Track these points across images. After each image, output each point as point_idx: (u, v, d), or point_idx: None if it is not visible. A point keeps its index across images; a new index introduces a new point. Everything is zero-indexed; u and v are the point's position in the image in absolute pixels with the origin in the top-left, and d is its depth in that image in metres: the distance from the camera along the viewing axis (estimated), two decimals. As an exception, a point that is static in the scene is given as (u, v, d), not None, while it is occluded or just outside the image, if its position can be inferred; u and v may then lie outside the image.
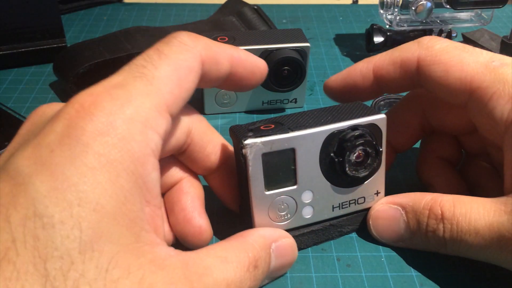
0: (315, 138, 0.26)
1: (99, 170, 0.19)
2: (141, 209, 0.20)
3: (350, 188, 0.29)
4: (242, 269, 0.23)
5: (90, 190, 0.18)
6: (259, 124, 0.27)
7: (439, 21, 0.47)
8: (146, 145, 0.20)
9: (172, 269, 0.20)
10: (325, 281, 0.27)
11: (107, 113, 0.19)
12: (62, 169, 0.18)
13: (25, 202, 0.18)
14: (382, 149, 0.28)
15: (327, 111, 0.28)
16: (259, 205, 0.27)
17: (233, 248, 0.23)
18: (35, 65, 0.47)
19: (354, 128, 0.27)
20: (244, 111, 0.42)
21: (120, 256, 0.19)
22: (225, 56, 0.25)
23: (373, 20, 0.59)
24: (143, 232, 0.20)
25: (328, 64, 0.49)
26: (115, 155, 0.19)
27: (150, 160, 0.21)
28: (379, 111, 0.28)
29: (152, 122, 0.21)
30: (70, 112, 0.20)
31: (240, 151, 0.25)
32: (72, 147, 0.19)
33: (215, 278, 0.21)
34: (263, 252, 0.24)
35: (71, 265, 0.17)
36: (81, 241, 0.18)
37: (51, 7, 0.46)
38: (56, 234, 0.17)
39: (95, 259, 0.18)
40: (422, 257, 0.29)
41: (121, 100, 0.20)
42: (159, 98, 0.21)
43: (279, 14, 0.60)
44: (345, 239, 0.30)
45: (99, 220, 0.18)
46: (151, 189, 0.21)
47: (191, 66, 0.23)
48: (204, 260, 0.22)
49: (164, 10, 0.60)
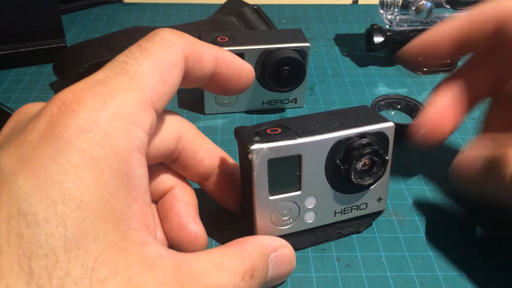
0: (322, 145, 0.26)
1: (82, 167, 0.18)
2: (128, 206, 0.20)
3: (353, 194, 0.28)
4: (237, 277, 0.22)
5: (74, 187, 0.18)
6: (265, 127, 0.27)
7: (439, 21, 0.47)
8: (130, 141, 0.20)
9: (162, 270, 0.20)
10: (325, 281, 0.27)
11: (89, 110, 0.19)
12: (45, 167, 0.18)
13: (8, 200, 0.18)
14: (389, 157, 0.28)
15: (334, 115, 0.28)
16: (262, 209, 0.27)
17: (230, 255, 0.23)
18: (35, 65, 0.47)
19: (361, 136, 0.27)
20: (244, 111, 0.42)
21: (106, 254, 0.18)
22: (209, 55, 0.25)
23: (373, 20, 0.59)
24: (131, 230, 0.20)
25: (328, 64, 0.49)
26: (98, 152, 0.19)
27: (135, 156, 0.20)
28: (386, 119, 0.28)
29: (136, 117, 0.20)
30: (52, 109, 0.19)
31: (246, 156, 0.25)
32: (55, 145, 0.18)
33: (207, 284, 0.21)
34: (261, 261, 0.24)
35: (56, 264, 0.17)
36: (66, 239, 0.17)
37: (51, 7, 0.46)
38: (41, 232, 0.17)
39: (81, 258, 0.18)
40: (422, 257, 0.29)
41: (103, 96, 0.20)
42: (142, 93, 0.21)
43: (279, 14, 0.60)
44: (345, 239, 0.30)
45: (84, 218, 0.18)
46: (138, 185, 0.21)
47: (174, 62, 0.23)
48: (198, 263, 0.21)
49: (164, 10, 0.60)
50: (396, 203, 0.33)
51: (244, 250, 0.24)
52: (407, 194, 0.34)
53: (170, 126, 0.25)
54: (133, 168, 0.20)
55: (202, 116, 0.41)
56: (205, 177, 0.28)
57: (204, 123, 0.40)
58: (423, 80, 0.47)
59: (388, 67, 0.49)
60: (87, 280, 0.17)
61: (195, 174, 0.28)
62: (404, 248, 0.30)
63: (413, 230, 0.31)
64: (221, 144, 0.38)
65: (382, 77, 0.47)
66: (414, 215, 0.32)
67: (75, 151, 0.19)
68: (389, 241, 0.30)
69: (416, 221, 0.32)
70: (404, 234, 0.31)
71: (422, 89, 0.46)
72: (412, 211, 0.32)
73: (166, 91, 0.22)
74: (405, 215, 0.32)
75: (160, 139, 0.25)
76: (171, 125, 0.25)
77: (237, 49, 0.38)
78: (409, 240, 0.30)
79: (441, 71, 0.48)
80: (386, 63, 0.50)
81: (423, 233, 0.31)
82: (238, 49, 0.38)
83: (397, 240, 0.30)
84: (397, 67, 0.49)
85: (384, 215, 0.32)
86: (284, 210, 0.27)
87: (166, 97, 0.22)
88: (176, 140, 0.25)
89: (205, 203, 0.30)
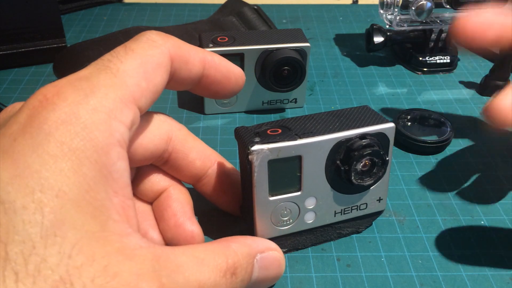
0: (322, 146, 0.26)
1: (61, 158, 0.19)
2: (107, 198, 0.20)
3: (354, 194, 0.29)
4: (218, 274, 0.22)
5: (52, 177, 0.18)
6: (266, 128, 0.27)
7: (439, 21, 0.47)
8: (110, 135, 0.20)
9: (141, 260, 0.19)
10: (325, 281, 0.27)
11: (70, 103, 0.20)
12: (24, 157, 0.18)
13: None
14: (389, 158, 0.28)
15: (335, 116, 0.28)
16: (262, 210, 0.27)
17: (213, 251, 0.23)
18: (35, 65, 0.47)
19: (362, 137, 0.27)
20: (244, 111, 0.42)
21: (84, 243, 0.18)
22: (196, 57, 0.25)
23: (373, 20, 0.59)
24: (111, 221, 0.20)
25: (328, 64, 0.49)
26: (77, 144, 0.19)
27: (115, 149, 0.20)
28: (387, 120, 0.28)
29: (116, 112, 0.21)
30: (33, 103, 0.20)
31: (246, 156, 0.25)
32: (34, 136, 0.19)
33: (186, 278, 0.21)
34: (245, 260, 0.24)
35: (33, 250, 0.17)
36: (43, 226, 0.18)
37: (51, 7, 0.46)
38: (18, 219, 0.17)
39: (58, 245, 0.18)
40: (422, 257, 0.29)
41: (84, 91, 0.20)
42: (124, 89, 0.21)
43: (279, 14, 0.60)
44: (345, 239, 0.30)
45: (61, 206, 0.18)
46: (118, 179, 0.21)
47: (159, 62, 0.23)
48: (179, 257, 0.21)
49: (164, 10, 0.60)
50: (396, 203, 0.33)
51: (229, 247, 0.23)
52: (407, 194, 0.34)
53: (159, 127, 0.25)
54: (113, 161, 0.20)
55: (202, 116, 0.41)
56: (198, 178, 0.28)
57: (204, 123, 0.40)
58: (423, 80, 0.47)
59: (388, 67, 0.49)
60: (63, 267, 0.17)
61: (187, 175, 0.28)
62: (404, 248, 0.30)
63: (413, 230, 0.31)
64: (221, 144, 0.38)
65: (382, 77, 0.47)
66: (414, 215, 0.32)
67: (54, 142, 0.19)
68: (389, 241, 0.30)
69: (416, 221, 0.32)
70: (404, 234, 0.31)
71: (422, 89, 0.46)
72: (412, 211, 0.32)
73: (150, 89, 0.22)
74: (405, 215, 0.32)
75: (149, 139, 0.25)
76: (160, 126, 0.25)
77: (237, 49, 0.38)
78: (409, 240, 0.30)
79: (441, 71, 0.48)
80: (386, 63, 0.50)
81: (423, 233, 0.31)
82: (238, 49, 0.38)
83: (397, 240, 0.30)
84: (397, 67, 0.49)
85: (384, 215, 0.32)
86: (284, 210, 0.27)
87: (150, 95, 0.23)
88: (166, 141, 0.26)
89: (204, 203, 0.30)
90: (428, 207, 0.33)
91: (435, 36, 0.47)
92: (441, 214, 0.32)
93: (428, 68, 0.48)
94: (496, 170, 0.36)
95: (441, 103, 0.44)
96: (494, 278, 0.28)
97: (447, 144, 0.38)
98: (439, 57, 0.48)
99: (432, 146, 0.37)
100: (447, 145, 0.38)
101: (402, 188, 0.34)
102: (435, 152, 0.38)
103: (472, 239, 0.30)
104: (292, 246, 0.29)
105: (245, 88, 0.40)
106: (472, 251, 0.30)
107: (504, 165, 0.36)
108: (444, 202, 0.33)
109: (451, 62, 0.48)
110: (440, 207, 0.33)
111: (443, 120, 0.39)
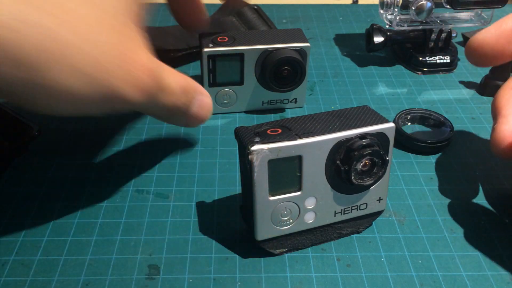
0: (322, 146, 0.26)
1: None
2: None
3: (354, 194, 0.29)
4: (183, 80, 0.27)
5: None
6: (266, 128, 0.27)
7: (439, 21, 0.47)
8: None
9: None
10: (325, 281, 0.27)
11: None
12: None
13: None
14: (389, 158, 0.28)
15: (335, 116, 0.28)
16: (262, 210, 0.27)
17: None
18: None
19: (362, 137, 0.27)
20: (244, 111, 0.42)
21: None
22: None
23: (373, 20, 0.59)
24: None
25: (328, 64, 0.49)
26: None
27: None
28: (387, 120, 0.28)
29: None
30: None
31: (246, 156, 0.25)
32: None
33: None
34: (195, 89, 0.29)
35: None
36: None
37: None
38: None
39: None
40: (422, 257, 0.29)
41: None
42: None
43: (279, 14, 0.60)
44: (345, 239, 0.30)
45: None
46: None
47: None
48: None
49: (164, 10, 0.60)
50: (396, 203, 0.33)
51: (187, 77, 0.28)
52: (407, 194, 0.34)
53: None
54: None
55: (202, 116, 0.41)
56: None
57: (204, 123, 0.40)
58: (423, 80, 0.47)
59: (388, 67, 0.49)
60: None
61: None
62: (404, 248, 0.30)
63: (413, 230, 0.31)
64: (221, 144, 0.38)
65: (382, 77, 0.47)
66: (414, 215, 0.32)
67: None
68: (389, 241, 0.30)
69: (416, 221, 0.32)
70: (404, 234, 0.31)
71: (422, 89, 0.46)
72: (412, 211, 0.32)
73: None
74: (405, 215, 0.32)
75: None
76: None
77: (237, 49, 0.38)
78: (409, 240, 0.30)
79: (441, 71, 0.48)
80: (386, 63, 0.50)
81: (423, 233, 0.31)
82: (238, 49, 0.38)
83: (397, 240, 0.30)
84: (397, 67, 0.49)
85: (384, 215, 0.32)
86: (284, 210, 0.27)
87: None
88: None
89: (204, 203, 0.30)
90: (428, 207, 0.33)
91: (435, 36, 0.47)
92: (441, 214, 0.32)
93: (428, 68, 0.48)
94: (496, 170, 0.36)
95: (441, 103, 0.44)
96: (494, 278, 0.28)
97: (447, 144, 0.38)
98: (439, 57, 0.48)
99: (432, 146, 0.37)
100: (447, 145, 0.38)
101: (402, 188, 0.34)
102: (435, 152, 0.38)
103: (472, 239, 0.30)
104: (292, 246, 0.29)
105: (245, 88, 0.41)
106: (473, 251, 0.30)
107: (504, 165, 0.36)
108: (444, 202, 0.33)
109: (451, 62, 0.48)
110: (440, 207, 0.33)
111: (443, 120, 0.39)
